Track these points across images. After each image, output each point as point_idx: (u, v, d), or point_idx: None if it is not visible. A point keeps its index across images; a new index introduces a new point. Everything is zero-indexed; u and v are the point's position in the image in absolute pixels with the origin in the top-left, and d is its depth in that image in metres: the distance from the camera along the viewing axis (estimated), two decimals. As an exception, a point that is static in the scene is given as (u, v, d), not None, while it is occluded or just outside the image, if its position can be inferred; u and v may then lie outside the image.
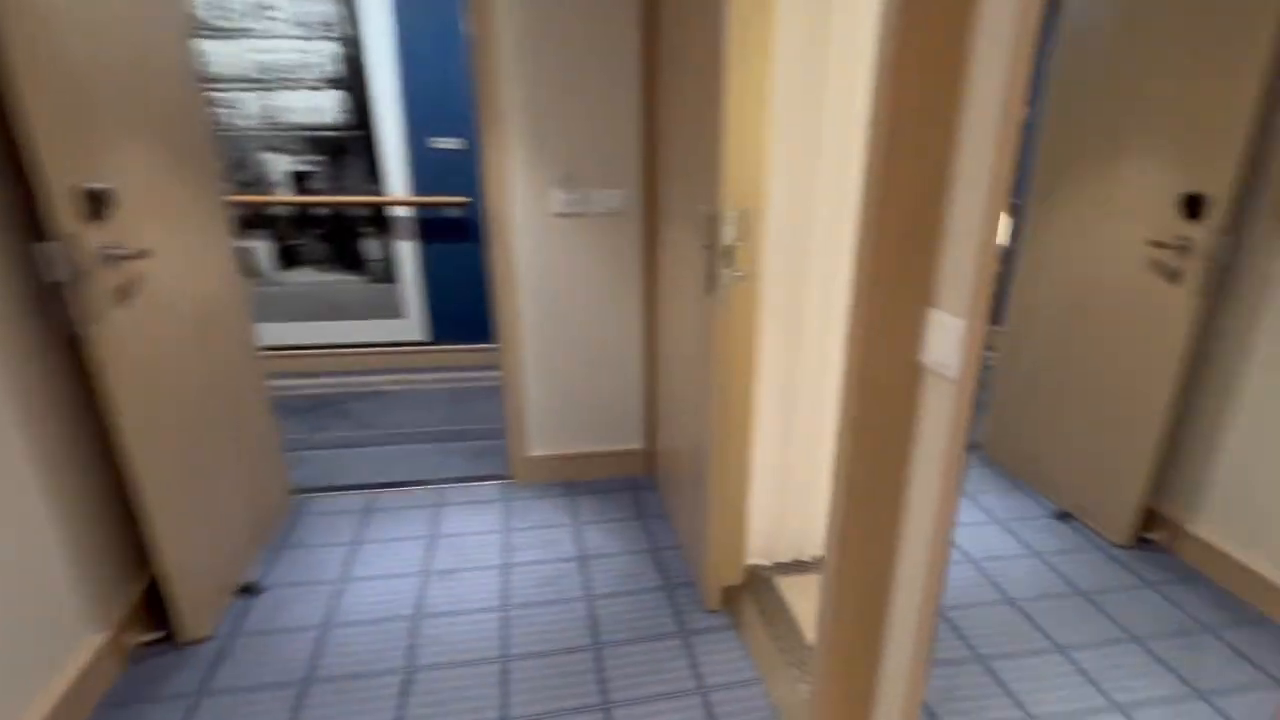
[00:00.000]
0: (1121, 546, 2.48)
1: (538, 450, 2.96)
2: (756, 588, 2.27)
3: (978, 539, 2.54)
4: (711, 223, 1.83)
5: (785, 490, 2.26)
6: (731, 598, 2.24)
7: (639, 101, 2.57)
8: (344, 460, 3.18)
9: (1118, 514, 2.48)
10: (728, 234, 1.80)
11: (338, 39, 3.72)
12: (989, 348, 3.77)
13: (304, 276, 4.12)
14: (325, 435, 3.42)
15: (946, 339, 1.15)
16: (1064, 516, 2.67)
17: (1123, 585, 2.29)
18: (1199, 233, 2.18)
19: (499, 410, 3.71)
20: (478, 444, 3.33)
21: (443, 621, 2.17)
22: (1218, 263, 2.18)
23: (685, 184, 2.15)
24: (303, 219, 4.03)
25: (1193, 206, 2.19)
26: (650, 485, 2.96)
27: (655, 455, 2.97)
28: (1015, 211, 2.98)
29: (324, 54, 3.74)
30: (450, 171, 4.03)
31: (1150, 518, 2.50)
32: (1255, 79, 2.01)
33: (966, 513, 2.69)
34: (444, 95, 3.89)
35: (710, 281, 1.88)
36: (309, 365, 4.26)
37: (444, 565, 2.44)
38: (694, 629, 2.14)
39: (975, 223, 1.08)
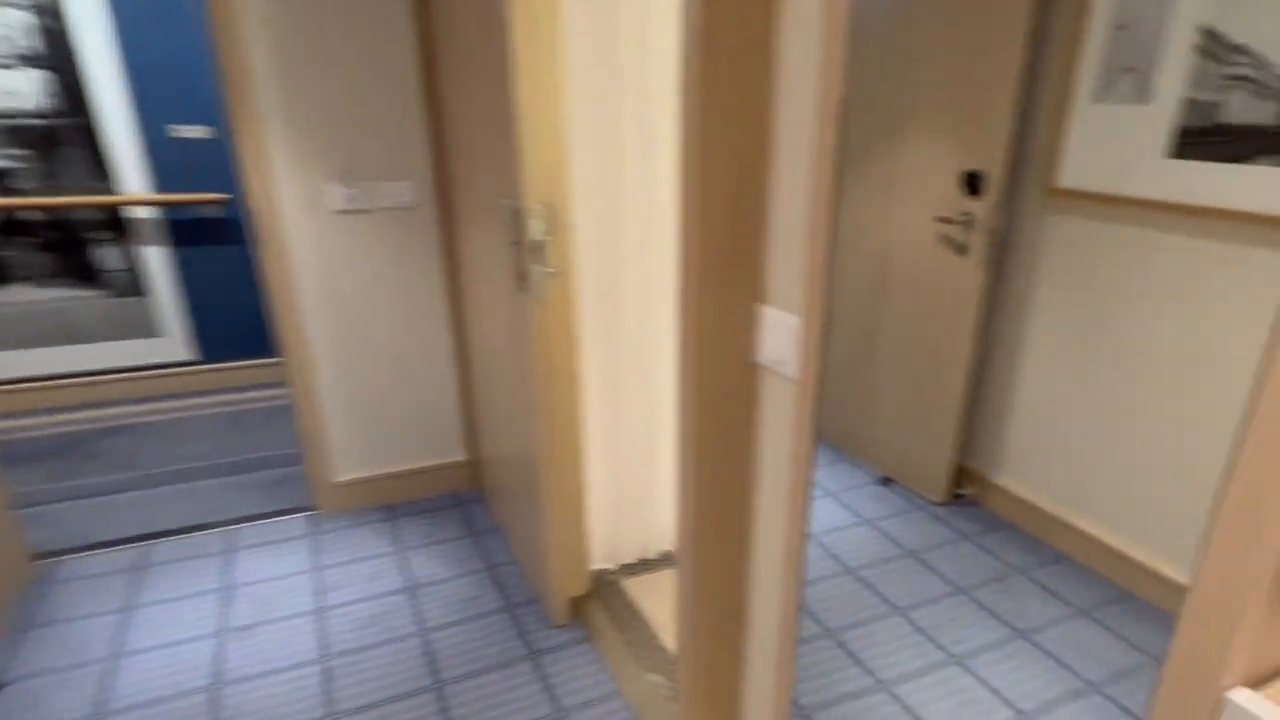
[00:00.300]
0: (939, 504, 2.73)
1: (346, 474, 2.72)
2: (604, 594, 2.23)
3: (814, 513, 2.68)
4: (516, 217, 1.75)
5: (622, 489, 2.24)
6: (579, 608, 2.18)
7: (419, 82, 2.40)
8: (101, 511, 2.73)
9: (933, 474, 2.73)
10: (535, 229, 1.72)
11: (29, 7, 3.17)
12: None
13: (18, 294, 3.50)
14: (73, 483, 2.92)
15: (782, 337, 1.14)
16: (886, 482, 2.90)
17: (944, 541, 2.52)
18: (979, 207, 2.43)
19: (293, 433, 3.38)
20: (271, 474, 3.00)
21: (250, 687, 1.92)
22: (997, 235, 2.44)
23: (484, 175, 2.04)
24: (8, 225, 3.40)
25: (972, 183, 2.43)
26: (479, 498, 2.83)
27: (481, 466, 2.84)
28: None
29: (11, 25, 3.16)
30: (200, 165, 3.59)
31: (961, 475, 2.78)
32: (1014, 64, 2.26)
33: (798, 489, 2.83)
34: (182, 75, 3.44)
35: (521, 279, 1.81)
36: (41, 400, 3.63)
37: (244, 620, 2.17)
38: (543, 648, 2.06)
39: (800, 214, 1.07)
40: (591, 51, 1.75)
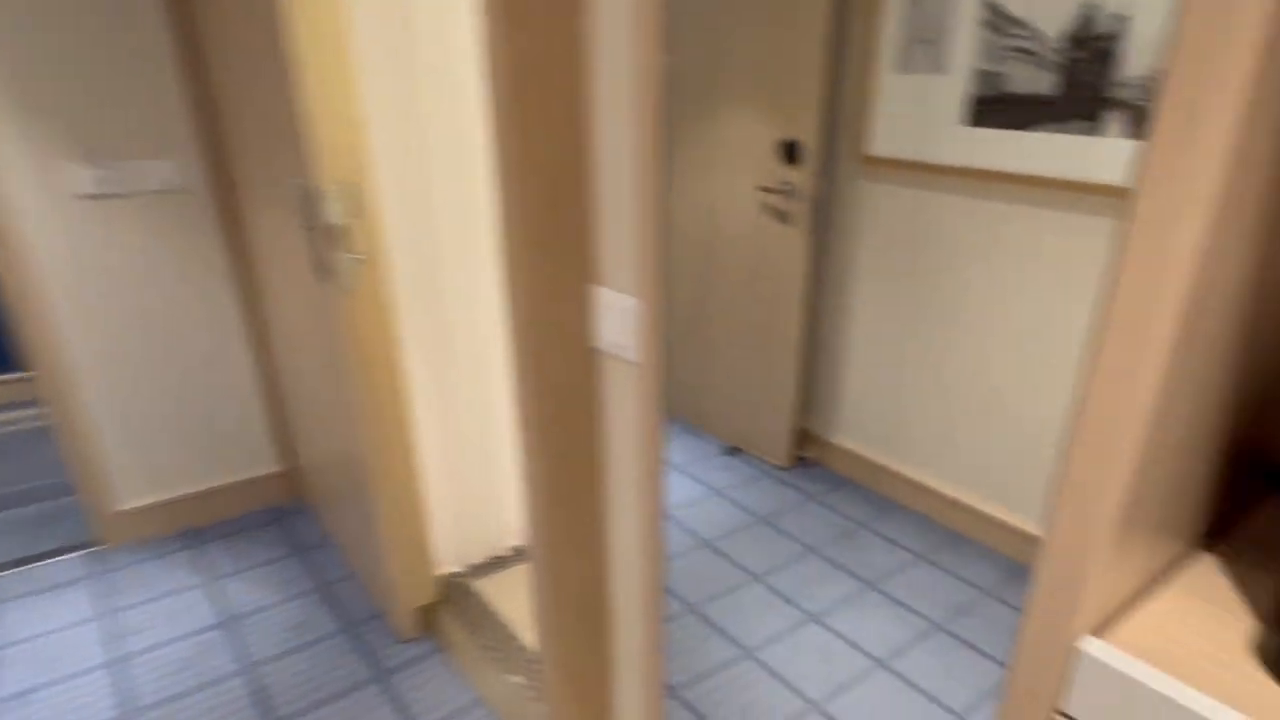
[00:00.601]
0: (785, 469, 2.86)
1: (133, 500, 2.41)
2: (455, 599, 2.14)
3: (666, 489, 2.71)
4: (309, 198, 1.61)
5: (463, 486, 2.15)
6: (429, 618, 2.08)
7: (174, 45, 2.13)
8: None
9: (776, 440, 2.85)
10: (334, 211, 1.59)
11: None
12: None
13: None
14: None
15: (620, 320, 1.10)
16: (733, 451, 2.99)
17: (792, 504, 2.64)
18: (798, 176, 2.54)
19: (58, 459, 2.95)
20: (35, 509, 2.60)
21: (31, 764, 1.66)
22: (817, 203, 2.56)
23: (270, 152, 1.86)
24: None
25: (790, 152, 2.54)
26: (301, 511, 2.61)
27: (300, 475, 2.63)
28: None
29: None
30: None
31: (803, 438, 2.93)
32: (820, 34, 2.36)
33: (646, 468, 2.86)
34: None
35: (324, 268, 1.67)
36: None
37: (17, 686, 1.86)
38: (392, 666, 1.94)
39: (628, 189, 1.02)
40: (377, 10, 1.63)
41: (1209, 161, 0.45)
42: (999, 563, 2.33)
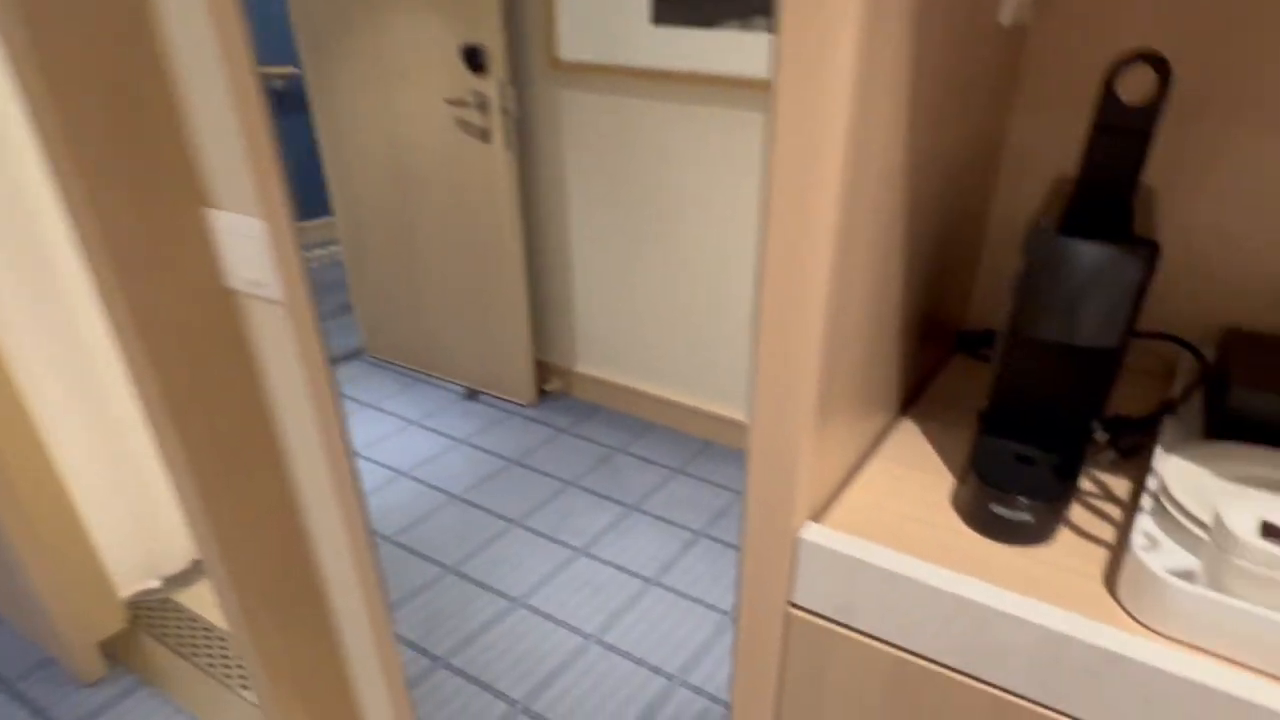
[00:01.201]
0: (530, 405, 2.84)
1: None
2: (153, 619, 1.91)
3: (400, 448, 2.58)
4: None
5: (133, 486, 1.89)
6: (121, 649, 1.83)
7: None
8: None
9: (517, 377, 2.81)
10: None
11: None
12: (329, 242, 3.75)
13: None
14: None
15: (248, 248, 0.97)
16: (473, 395, 2.91)
17: (542, 441, 2.63)
18: (488, 86, 2.42)
19: None
20: None
21: None
22: (512, 115, 2.46)
23: None
24: None
25: (474, 59, 2.39)
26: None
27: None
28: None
29: None
30: None
31: (545, 371, 2.91)
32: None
33: (377, 425, 2.71)
34: None
35: None
36: None
37: None
38: (76, 717, 1.69)
39: (221, 86, 0.88)
40: None
41: (840, 36, 0.44)
42: (745, 462, 2.50)
